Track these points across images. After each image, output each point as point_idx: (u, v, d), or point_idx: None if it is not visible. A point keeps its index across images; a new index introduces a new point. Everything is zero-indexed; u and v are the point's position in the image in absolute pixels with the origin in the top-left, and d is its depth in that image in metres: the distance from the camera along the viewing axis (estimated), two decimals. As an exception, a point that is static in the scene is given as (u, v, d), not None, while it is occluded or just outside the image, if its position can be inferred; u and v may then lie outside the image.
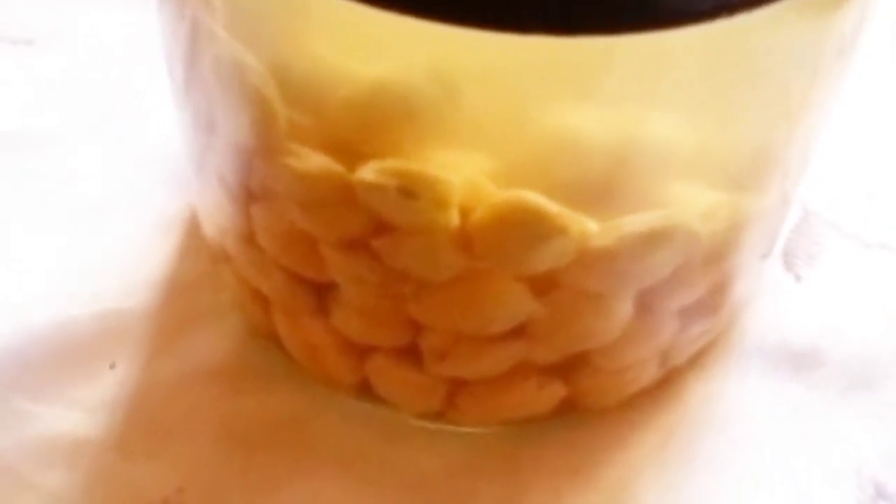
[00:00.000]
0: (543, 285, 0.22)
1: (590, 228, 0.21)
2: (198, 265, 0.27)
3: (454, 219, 0.20)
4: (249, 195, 0.22)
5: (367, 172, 0.20)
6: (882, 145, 0.30)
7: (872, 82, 0.30)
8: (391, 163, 0.20)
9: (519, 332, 0.22)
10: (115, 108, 0.30)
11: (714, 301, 0.25)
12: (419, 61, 0.19)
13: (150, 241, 0.28)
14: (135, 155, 0.29)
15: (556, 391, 0.24)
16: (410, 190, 0.20)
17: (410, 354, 0.23)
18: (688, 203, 0.22)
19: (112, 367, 0.26)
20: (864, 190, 0.29)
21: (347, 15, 0.18)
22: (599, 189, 0.21)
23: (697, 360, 0.26)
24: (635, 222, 0.21)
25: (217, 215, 0.25)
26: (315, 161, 0.20)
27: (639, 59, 0.19)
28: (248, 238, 0.23)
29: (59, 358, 0.26)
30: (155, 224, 0.28)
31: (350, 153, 0.20)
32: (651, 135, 0.20)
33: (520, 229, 0.20)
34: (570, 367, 0.24)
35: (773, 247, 0.27)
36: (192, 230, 0.28)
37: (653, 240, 0.21)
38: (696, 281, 0.23)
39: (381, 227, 0.21)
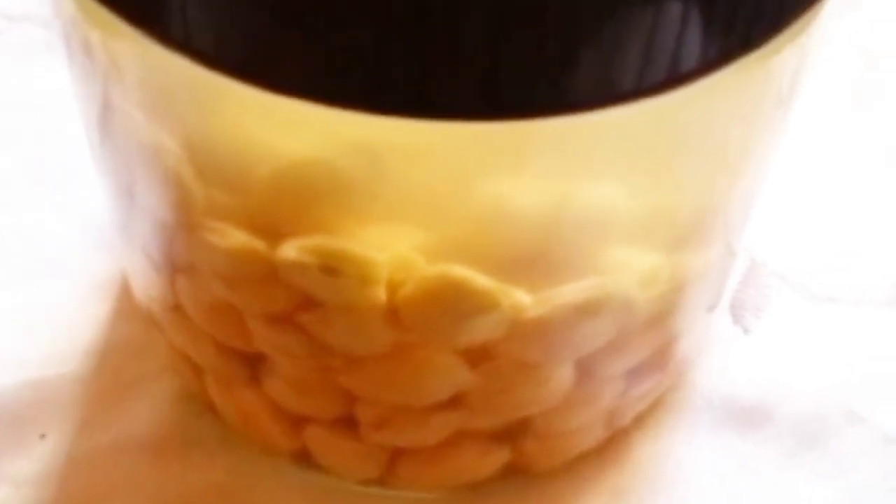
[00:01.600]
0: (478, 356, 0.21)
1: (522, 301, 0.20)
2: (131, 330, 0.27)
3: (381, 295, 0.20)
4: (173, 267, 0.22)
5: (289, 250, 0.19)
6: (829, 196, 0.29)
7: (819, 131, 0.29)
8: (313, 240, 0.19)
9: (456, 401, 0.22)
10: (46, 168, 0.29)
11: (659, 360, 0.24)
12: (342, 138, 0.19)
13: (82, 306, 0.27)
14: (66, 216, 0.28)
15: (498, 456, 0.24)
16: (333, 268, 0.19)
17: (347, 424, 0.23)
18: (626, 269, 0.21)
19: (42, 437, 0.25)
20: (811, 241, 0.28)
21: (264, 95, 0.17)
22: (533, 260, 0.20)
23: (644, 418, 0.26)
24: (569, 293, 0.20)
25: (144, 283, 0.24)
26: (236, 238, 0.19)
27: (567, 136, 0.18)
28: (176, 307, 0.23)
29: (-15, 429, 0.25)
30: (87, 288, 0.27)
31: (272, 230, 0.19)
32: (585, 204, 0.20)
33: (449, 305, 0.20)
34: (511, 433, 0.23)
35: (719, 299, 0.26)
36: (126, 294, 0.27)
37: (587, 309, 0.21)
38: (638, 344, 0.23)
39: (307, 303, 0.20)
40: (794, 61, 0.20)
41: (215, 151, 0.19)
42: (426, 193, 0.19)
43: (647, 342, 0.23)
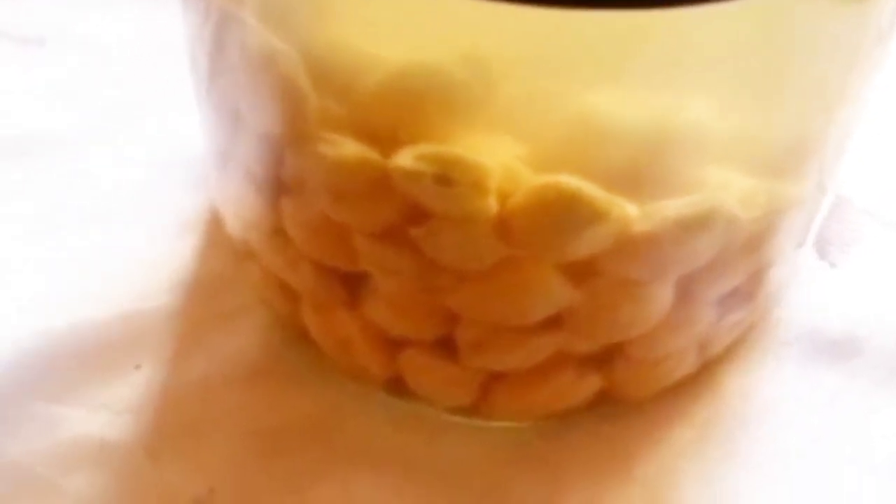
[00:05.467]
0: (582, 273, 0.21)
1: (630, 213, 0.20)
2: (220, 263, 0.27)
3: (492, 205, 0.20)
4: (278, 187, 0.22)
5: (404, 159, 0.19)
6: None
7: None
8: (428, 148, 0.19)
9: (556, 321, 0.22)
10: (131, 107, 0.30)
11: (751, 289, 0.24)
12: (451, 45, 0.19)
13: (171, 241, 0.27)
14: (152, 154, 0.29)
15: (591, 383, 0.24)
16: (447, 177, 0.19)
17: (445, 347, 0.23)
18: (727, 188, 0.21)
19: (137, 367, 0.26)
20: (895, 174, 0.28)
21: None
22: (633, 173, 0.20)
23: (733, 350, 0.26)
24: (677, 206, 0.20)
25: (242, 210, 0.24)
26: (349, 148, 0.20)
27: (674, 38, 0.18)
28: (276, 231, 0.23)
29: (83, 360, 0.25)
30: (175, 223, 0.28)
31: (384, 140, 0.20)
32: (686, 118, 0.20)
33: (559, 214, 0.20)
34: (606, 358, 0.23)
35: (807, 235, 0.26)
36: (214, 228, 0.27)
37: (695, 224, 0.21)
38: (735, 268, 0.23)
39: (418, 216, 0.20)
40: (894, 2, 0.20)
41: (331, 58, 0.19)
42: (531, 103, 0.19)
43: (743, 267, 0.23)
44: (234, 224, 0.25)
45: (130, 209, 0.28)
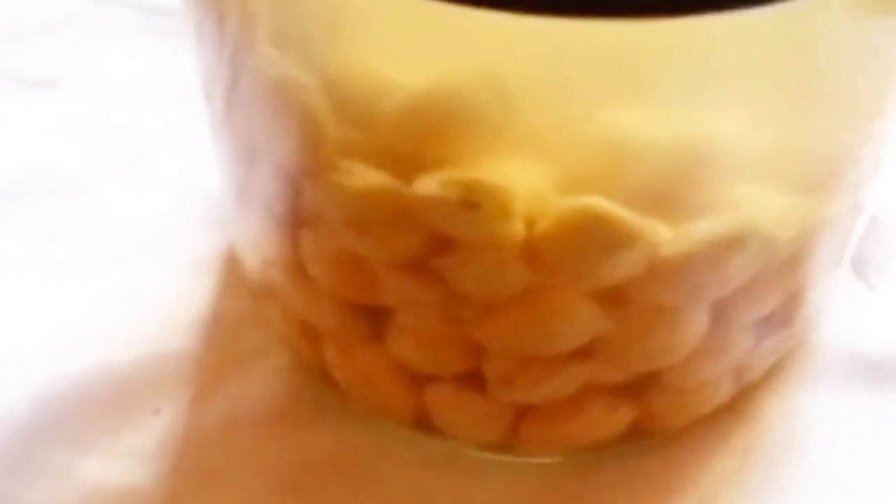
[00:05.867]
0: (613, 301, 0.20)
1: (662, 235, 0.19)
2: (238, 304, 0.26)
3: (519, 230, 0.19)
4: (297, 221, 0.21)
5: (427, 185, 0.19)
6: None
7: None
8: (451, 173, 0.19)
9: (587, 351, 0.21)
10: (144, 147, 0.29)
11: (788, 312, 0.24)
12: (472, 68, 0.18)
13: (188, 282, 0.27)
14: (165, 194, 0.28)
15: (625, 414, 0.23)
16: (472, 201, 0.19)
17: (472, 381, 0.22)
18: (761, 206, 0.20)
19: (156, 413, 0.25)
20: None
21: (399, 18, 0.17)
22: (664, 193, 0.19)
23: (771, 376, 0.25)
24: (710, 227, 0.20)
25: (261, 247, 0.23)
26: (369, 177, 0.19)
27: (702, 50, 0.18)
28: (296, 267, 0.22)
29: (99, 406, 0.25)
30: (191, 264, 0.27)
31: (405, 166, 0.19)
32: (717, 134, 0.19)
33: (589, 238, 0.19)
34: (640, 388, 0.23)
35: (843, 256, 0.25)
36: (230, 268, 0.27)
37: (729, 245, 0.20)
38: (772, 290, 0.22)
39: (442, 245, 0.19)
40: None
41: (348, 84, 0.18)
42: (555, 125, 0.19)
43: (779, 289, 0.22)
44: (253, 262, 0.24)
45: (145, 249, 0.27)
